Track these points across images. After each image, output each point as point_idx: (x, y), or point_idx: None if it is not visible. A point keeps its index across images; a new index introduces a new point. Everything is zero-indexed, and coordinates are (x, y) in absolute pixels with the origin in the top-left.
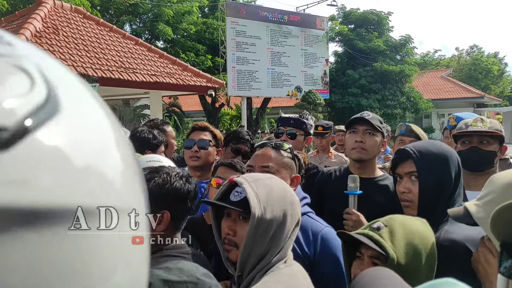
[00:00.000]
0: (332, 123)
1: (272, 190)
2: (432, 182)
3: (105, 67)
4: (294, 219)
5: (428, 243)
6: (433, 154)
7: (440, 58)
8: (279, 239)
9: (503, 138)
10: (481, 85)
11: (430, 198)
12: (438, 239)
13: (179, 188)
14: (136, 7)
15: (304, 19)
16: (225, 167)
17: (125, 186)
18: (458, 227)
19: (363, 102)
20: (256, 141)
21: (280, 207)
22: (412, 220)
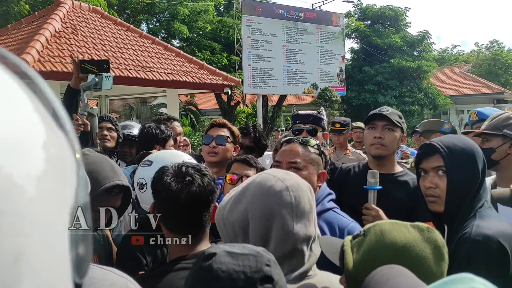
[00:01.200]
0: (350, 120)
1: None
2: (461, 177)
3: (122, 66)
4: (268, 214)
5: (411, 255)
6: (460, 149)
7: (459, 54)
8: (251, 241)
9: (504, 134)
10: (501, 80)
11: (458, 193)
12: (470, 235)
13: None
14: (152, 6)
15: (320, 16)
16: (239, 163)
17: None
18: (488, 222)
19: (380, 99)
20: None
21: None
22: (397, 229)
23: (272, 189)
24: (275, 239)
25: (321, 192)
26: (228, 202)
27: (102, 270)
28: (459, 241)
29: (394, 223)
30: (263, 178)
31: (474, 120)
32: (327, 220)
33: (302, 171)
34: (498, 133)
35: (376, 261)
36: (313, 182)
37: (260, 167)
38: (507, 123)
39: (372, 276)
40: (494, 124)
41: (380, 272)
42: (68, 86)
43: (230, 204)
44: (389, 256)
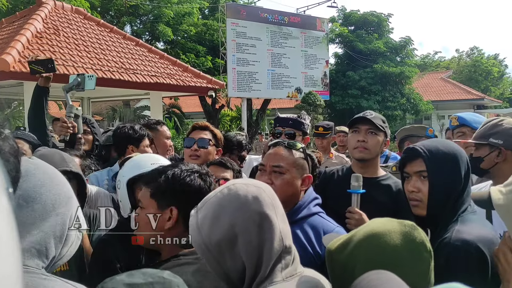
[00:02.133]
0: (333, 124)
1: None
2: (442, 181)
3: (105, 68)
4: (257, 220)
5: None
6: (443, 153)
7: (440, 60)
8: (245, 252)
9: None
10: (481, 86)
11: (439, 198)
12: (450, 239)
13: (189, 184)
14: (136, 8)
15: (304, 21)
16: (215, 166)
17: None
18: (470, 227)
19: (363, 104)
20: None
21: (229, 221)
22: (381, 221)
23: (250, 196)
24: (269, 242)
25: (307, 196)
26: (202, 225)
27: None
28: (439, 245)
29: (386, 218)
30: (233, 189)
31: (455, 125)
32: (313, 225)
33: (285, 175)
34: (484, 142)
35: (351, 243)
36: (296, 186)
37: (236, 168)
38: (493, 131)
39: (359, 282)
40: (481, 133)
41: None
42: (36, 85)
43: (207, 224)
44: (360, 239)
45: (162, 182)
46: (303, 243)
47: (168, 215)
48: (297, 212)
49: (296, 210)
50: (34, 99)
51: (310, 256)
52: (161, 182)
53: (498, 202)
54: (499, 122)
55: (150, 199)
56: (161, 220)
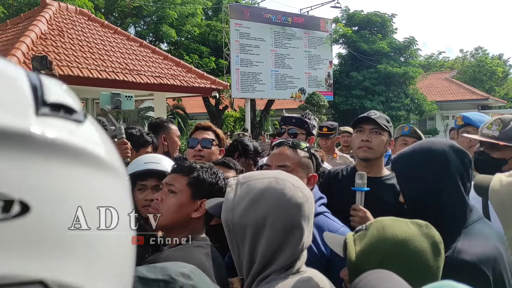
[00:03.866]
0: (337, 124)
1: (254, 192)
2: (414, 189)
3: (109, 69)
4: (283, 225)
5: (409, 248)
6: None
7: (444, 60)
8: (264, 246)
9: None
10: (486, 87)
11: (416, 204)
12: (450, 259)
13: (222, 186)
14: (140, 9)
15: (308, 21)
16: (218, 166)
17: None
18: (472, 244)
19: (367, 104)
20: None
21: (258, 211)
22: (397, 225)
23: (295, 201)
24: (290, 249)
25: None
26: (239, 203)
27: None
28: None
29: (395, 219)
30: (283, 186)
31: (460, 125)
32: (318, 225)
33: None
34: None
35: (377, 252)
36: None
37: (239, 168)
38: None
39: (359, 281)
40: (510, 135)
41: (366, 277)
42: None
43: (243, 206)
44: (389, 248)
45: (202, 175)
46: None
47: (197, 206)
48: None
49: None
50: None
51: (315, 256)
52: (201, 174)
53: (493, 191)
54: None
55: (186, 187)
56: (190, 209)
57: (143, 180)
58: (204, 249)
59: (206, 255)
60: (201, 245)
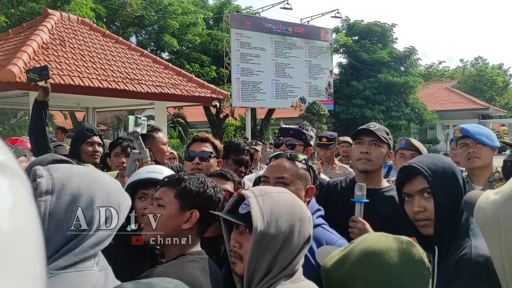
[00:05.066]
0: (337, 134)
1: (279, 205)
2: (447, 197)
3: (110, 78)
4: (303, 235)
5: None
6: (441, 168)
7: (445, 70)
8: (285, 255)
9: None
10: (486, 96)
11: (447, 214)
12: (470, 256)
13: (212, 195)
14: (141, 19)
15: (308, 31)
16: (216, 178)
17: None
18: (484, 242)
19: (368, 113)
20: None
21: (287, 223)
22: (377, 238)
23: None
24: (302, 256)
25: (309, 207)
26: (267, 215)
27: None
28: (459, 262)
29: (381, 234)
30: (298, 199)
31: (458, 136)
32: (316, 237)
33: (289, 187)
34: None
35: (347, 262)
36: (301, 197)
37: (236, 180)
38: None
39: None
40: None
41: None
42: (35, 100)
43: (273, 218)
44: (358, 257)
45: (189, 185)
46: (306, 254)
47: (187, 217)
48: None
49: None
50: (34, 113)
51: (312, 267)
52: (188, 186)
53: (477, 210)
54: None
55: (174, 199)
56: (179, 221)
57: (145, 189)
58: (198, 264)
59: (201, 270)
60: (195, 259)
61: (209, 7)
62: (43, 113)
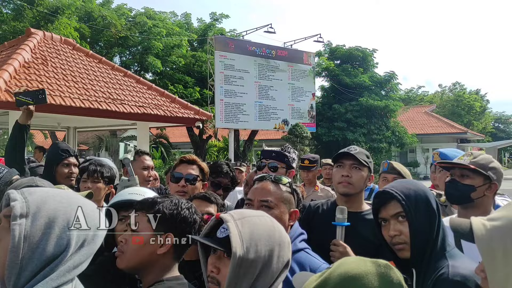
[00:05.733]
0: (319, 157)
1: (258, 229)
2: (422, 220)
3: (92, 98)
4: (282, 260)
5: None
6: (414, 192)
7: (424, 94)
8: (264, 280)
9: (487, 176)
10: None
11: (422, 237)
12: (448, 275)
13: (187, 217)
14: (126, 39)
15: (291, 54)
16: (199, 200)
17: None
18: (462, 262)
19: (349, 136)
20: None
21: (266, 247)
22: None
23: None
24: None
25: (293, 231)
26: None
27: None
28: (438, 282)
29: (359, 258)
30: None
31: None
32: (299, 261)
33: (273, 210)
34: (483, 173)
35: (326, 287)
36: (285, 221)
37: (220, 203)
38: (491, 166)
39: None
40: (481, 164)
41: None
42: (16, 122)
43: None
44: (336, 282)
45: (163, 209)
46: (289, 279)
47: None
48: None
49: None
50: (14, 136)
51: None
52: (162, 209)
53: (480, 237)
54: (492, 160)
55: (148, 224)
56: (154, 246)
57: (125, 211)
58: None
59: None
60: (172, 285)
61: (194, 29)
62: (24, 137)
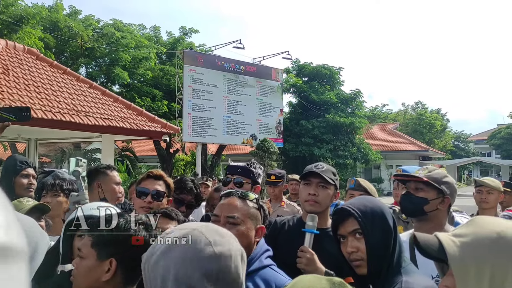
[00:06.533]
0: (285, 172)
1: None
2: (378, 237)
3: (55, 109)
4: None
5: None
6: (371, 209)
7: (388, 112)
8: None
9: (441, 189)
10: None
11: (379, 253)
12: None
13: (129, 239)
14: (92, 51)
15: (260, 70)
16: (160, 217)
17: None
18: (415, 279)
19: (316, 152)
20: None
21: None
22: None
23: (200, 255)
24: None
25: (258, 248)
26: (155, 251)
27: None
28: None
29: (314, 276)
30: (196, 237)
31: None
32: (264, 278)
33: (239, 226)
34: (437, 186)
35: None
36: (251, 237)
37: (181, 219)
38: (445, 180)
39: None
40: (435, 177)
41: None
42: None
43: (157, 254)
44: None
45: (104, 232)
46: None
47: (108, 267)
48: (249, 265)
49: (248, 262)
50: None
51: None
52: (103, 232)
53: (453, 254)
54: (446, 175)
55: (90, 249)
56: (99, 272)
57: None
58: None
59: None
60: None
61: (163, 43)
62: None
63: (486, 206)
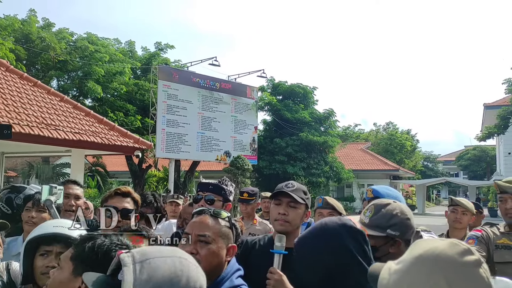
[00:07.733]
0: (258, 190)
1: (158, 275)
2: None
3: (24, 122)
4: None
5: None
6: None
7: (360, 132)
8: None
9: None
10: (396, 158)
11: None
12: None
13: (111, 257)
14: (65, 63)
15: (235, 88)
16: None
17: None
18: None
19: (290, 170)
20: None
21: None
22: None
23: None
24: None
25: (229, 267)
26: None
27: None
28: None
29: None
30: (188, 269)
31: (370, 197)
32: None
33: (211, 245)
34: (381, 235)
35: None
36: (222, 256)
37: (153, 237)
38: (391, 222)
39: None
40: (378, 223)
41: None
42: None
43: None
44: None
45: (86, 248)
46: None
47: (79, 284)
48: (220, 284)
49: (219, 282)
50: None
51: None
52: (85, 248)
53: (382, 282)
54: (394, 212)
55: (69, 261)
56: (71, 286)
57: (48, 244)
58: None
59: None
60: None
61: (138, 58)
62: None
63: (459, 226)
